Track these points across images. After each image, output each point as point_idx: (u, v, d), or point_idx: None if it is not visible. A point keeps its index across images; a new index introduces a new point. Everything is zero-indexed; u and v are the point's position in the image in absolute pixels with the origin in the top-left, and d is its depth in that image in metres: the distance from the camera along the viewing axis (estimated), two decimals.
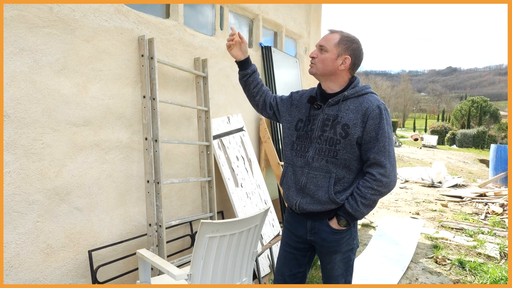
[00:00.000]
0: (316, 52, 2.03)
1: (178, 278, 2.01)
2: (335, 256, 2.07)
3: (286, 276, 2.21)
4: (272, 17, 4.79)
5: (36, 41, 2.25)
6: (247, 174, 3.96)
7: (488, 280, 3.82)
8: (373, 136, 1.92)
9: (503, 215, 6.68)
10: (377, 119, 1.92)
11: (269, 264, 3.72)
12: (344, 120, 1.94)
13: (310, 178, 2.01)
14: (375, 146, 1.92)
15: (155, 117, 2.90)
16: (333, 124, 1.97)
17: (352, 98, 1.99)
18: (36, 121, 2.27)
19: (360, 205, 1.93)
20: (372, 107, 1.93)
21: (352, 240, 2.07)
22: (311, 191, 2.00)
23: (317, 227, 2.05)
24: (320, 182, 1.98)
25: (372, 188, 1.92)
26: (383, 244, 4.83)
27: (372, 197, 1.93)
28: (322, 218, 2.03)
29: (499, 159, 10.95)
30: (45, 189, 2.33)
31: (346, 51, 1.97)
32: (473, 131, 34.15)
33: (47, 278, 2.37)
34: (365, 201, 1.93)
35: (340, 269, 2.09)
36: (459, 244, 5.08)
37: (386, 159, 1.92)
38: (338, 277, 2.11)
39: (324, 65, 1.99)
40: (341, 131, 1.94)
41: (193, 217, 3.33)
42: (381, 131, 1.92)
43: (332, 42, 1.97)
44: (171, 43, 3.23)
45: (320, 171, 1.98)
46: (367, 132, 1.92)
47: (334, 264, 2.08)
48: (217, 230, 2.00)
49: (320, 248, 2.09)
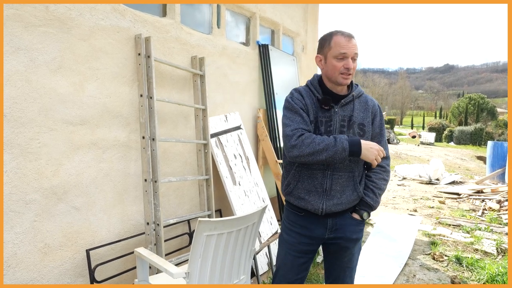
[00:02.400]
0: (351, 63, 1.97)
1: (176, 276, 2.01)
2: (354, 248, 2.16)
3: (292, 280, 2.18)
4: (269, 15, 4.79)
5: (32, 40, 2.24)
6: (245, 172, 3.96)
7: (485, 275, 3.84)
8: (378, 132, 2.12)
9: (499, 211, 6.72)
10: (379, 116, 2.13)
11: (267, 262, 3.73)
12: (358, 120, 2.05)
13: (334, 180, 2.02)
14: (381, 141, 2.10)
15: (152, 116, 2.90)
16: (350, 124, 2.03)
17: (357, 98, 2.10)
18: (32, 120, 2.26)
19: (378, 196, 2.09)
20: (376, 105, 2.14)
21: (363, 231, 2.20)
22: (338, 192, 2.02)
23: (339, 222, 2.08)
24: (345, 182, 2.04)
25: (384, 179, 2.12)
26: (381, 241, 4.84)
27: (384, 186, 2.13)
28: (344, 214, 2.09)
29: (496, 156, 10.98)
30: (42, 188, 2.33)
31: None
32: (470, 128, 34.23)
33: (44, 278, 2.36)
34: (380, 191, 2.11)
35: (356, 260, 2.22)
36: (456, 240, 5.11)
37: (387, 151, 2.13)
38: (352, 269, 2.23)
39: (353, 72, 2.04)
40: (359, 131, 2.04)
41: (191, 216, 3.33)
42: (382, 126, 2.14)
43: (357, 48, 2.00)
44: (168, 41, 3.23)
45: (344, 172, 2.03)
46: (374, 128, 2.11)
47: (351, 255, 2.18)
48: (214, 228, 2.00)
49: (345, 243, 2.11)
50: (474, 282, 3.78)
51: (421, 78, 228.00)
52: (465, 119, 44.48)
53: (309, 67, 5.98)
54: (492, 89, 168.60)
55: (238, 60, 4.19)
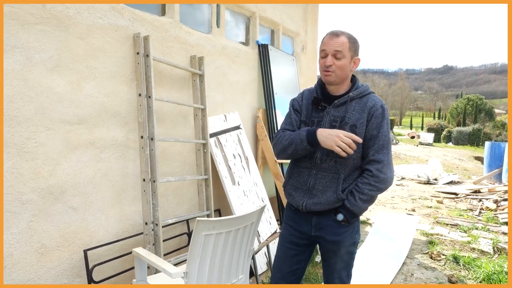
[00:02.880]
0: (331, 59, 1.96)
1: (174, 276, 1.99)
2: (339, 250, 2.09)
3: (285, 272, 2.21)
4: (269, 15, 4.77)
5: (29, 38, 2.22)
6: (244, 172, 3.95)
7: (481, 274, 3.85)
8: (374, 134, 1.98)
9: (496, 211, 6.75)
10: (379, 118, 1.99)
11: (266, 262, 3.71)
12: (352, 121, 1.99)
13: (318, 179, 2.05)
14: (375, 144, 1.98)
15: (151, 115, 2.88)
16: (341, 125, 2.00)
17: (357, 99, 2.03)
18: (29, 119, 2.24)
19: (358, 201, 1.99)
20: (377, 106, 2.00)
21: (354, 234, 2.12)
22: (319, 191, 2.05)
23: (323, 222, 2.08)
24: (328, 183, 2.03)
25: (369, 184, 1.98)
26: (379, 240, 4.84)
27: (370, 192, 1.98)
28: (328, 214, 2.07)
29: (493, 156, 11.03)
30: (39, 188, 2.31)
31: (355, 53, 2.01)
32: (468, 129, 34.32)
33: (41, 278, 2.34)
34: (363, 196, 1.98)
35: (344, 263, 2.12)
36: (454, 239, 5.12)
37: (384, 156, 1.98)
38: (341, 270, 2.13)
39: (342, 72, 1.99)
40: (350, 132, 1.97)
41: (190, 216, 3.32)
42: (381, 129, 1.98)
43: (346, 46, 1.95)
44: (167, 40, 3.21)
45: (329, 172, 2.03)
46: (369, 130, 1.99)
47: (338, 257, 2.11)
48: (213, 228, 1.98)
49: (325, 243, 2.11)
50: (471, 281, 3.79)
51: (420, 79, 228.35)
52: (464, 119, 44.62)
53: (309, 67, 5.97)
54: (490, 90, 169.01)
55: (238, 59, 4.18)
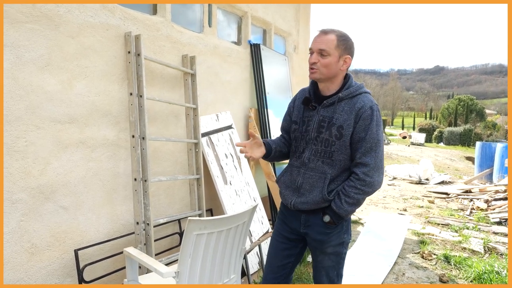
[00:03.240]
0: (316, 57, 1.96)
1: (165, 275, 1.99)
2: (326, 249, 2.10)
3: (275, 266, 2.24)
4: (261, 15, 4.78)
5: (19, 37, 2.21)
6: (236, 171, 3.95)
7: (472, 273, 3.89)
8: (362, 137, 1.94)
9: (487, 210, 6.81)
10: (368, 120, 1.93)
11: (258, 261, 3.72)
12: (339, 122, 1.97)
13: (306, 179, 2.06)
14: (363, 146, 1.94)
15: (142, 115, 2.87)
16: (329, 126, 1.99)
17: (347, 99, 1.99)
18: (19, 118, 2.22)
19: (344, 203, 1.97)
20: (365, 107, 1.94)
21: (343, 234, 2.10)
22: (306, 191, 2.05)
23: (311, 220, 2.10)
24: (315, 183, 2.03)
25: (355, 187, 1.96)
26: (371, 240, 4.87)
27: (356, 196, 1.96)
28: (316, 213, 2.07)
29: (484, 156, 11.13)
30: (29, 188, 2.29)
31: (345, 51, 1.97)
32: (459, 129, 34.63)
33: (32, 278, 2.33)
34: (349, 199, 1.96)
35: (332, 262, 2.12)
36: (445, 239, 5.16)
37: (372, 159, 1.94)
38: (329, 268, 2.13)
39: (328, 70, 1.96)
40: (336, 133, 1.96)
41: (182, 215, 3.31)
42: (370, 131, 1.93)
43: (332, 44, 1.93)
44: (158, 39, 3.20)
45: (316, 172, 2.03)
46: (356, 132, 1.94)
47: (325, 255, 2.12)
48: (204, 228, 1.98)
49: (312, 241, 2.12)
50: (462, 280, 3.82)
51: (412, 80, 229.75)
52: (455, 120, 44.98)
53: (301, 67, 5.98)
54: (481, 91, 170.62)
55: (230, 59, 4.18)
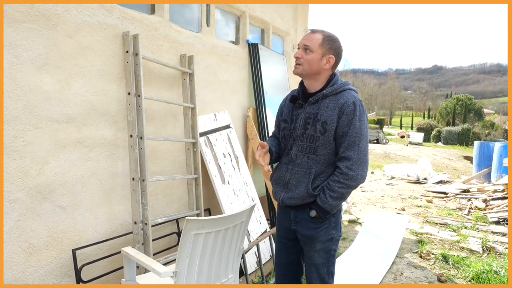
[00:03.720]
0: (300, 52, 2.08)
1: (163, 275, 2.00)
2: (315, 245, 2.13)
3: (282, 264, 2.32)
4: (259, 14, 4.78)
5: (16, 36, 2.20)
6: (234, 171, 3.95)
7: (470, 273, 3.89)
8: (345, 131, 1.99)
9: (485, 210, 6.81)
10: (350, 115, 1.99)
11: (257, 261, 3.72)
12: (324, 118, 2.03)
13: (293, 174, 2.12)
14: (346, 141, 2.00)
15: (140, 114, 2.87)
16: (314, 122, 2.05)
17: (331, 95, 2.07)
18: (16, 118, 2.22)
19: (328, 198, 2.01)
20: (348, 103, 2.00)
21: (331, 230, 2.13)
22: (293, 186, 2.11)
23: (299, 216, 2.15)
24: (301, 178, 2.08)
25: (339, 182, 2.00)
26: (369, 239, 4.87)
27: (340, 190, 2.00)
28: (303, 208, 2.12)
29: (482, 156, 11.13)
30: (26, 187, 2.29)
31: (329, 51, 2.05)
32: (457, 129, 34.68)
33: (29, 278, 2.33)
34: (333, 193, 2.00)
35: (321, 258, 2.14)
36: (443, 238, 5.16)
37: (355, 153, 1.98)
38: (319, 265, 2.15)
39: (310, 66, 2.06)
40: (321, 128, 2.02)
41: (180, 215, 3.31)
42: (352, 126, 1.98)
43: (316, 42, 2.03)
44: (156, 39, 3.20)
45: (302, 167, 2.09)
46: (340, 127, 2.00)
47: (314, 252, 2.15)
48: (202, 227, 1.99)
49: (302, 238, 2.17)
50: (460, 280, 3.82)
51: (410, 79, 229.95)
52: (453, 119, 45.03)
53: None
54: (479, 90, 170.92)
55: (228, 58, 4.18)
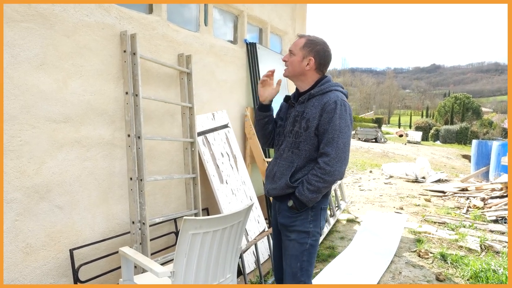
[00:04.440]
0: (287, 56, 2.25)
1: (161, 275, 1.99)
2: (290, 234, 2.22)
3: (276, 256, 2.45)
4: (257, 14, 4.77)
5: (14, 36, 2.20)
6: (232, 170, 3.95)
7: (469, 272, 3.90)
8: (326, 128, 2.09)
9: (484, 209, 6.82)
10: (331, 113, 2.08)
11: (255, 260, 3.72)
12: (308, 116, 2.15)
13: (278, 167, 2.25)
14: (325, 137, 2.09)
15: (138, 114, 2.87)
16: (300, 120, 2.18)
17: (318, 95, 2.17)
18: (14, 117, 2.21)
19: (305, 190, 2.10)
20: (330, 102, 2.10)
21: (308, 223, 2.19)
22: (277, 178, 2.23)
23: (281, 207, 2.28)
24: (284, 171, 2.21)
25: (316, 176, 2.08)
26: (367, 238, 4.88)
27: (316, 183, 2.07)
28: (285, 199, 2.23)
29: (480, 155, 11.15)
30: (24, 187, 2.28)
31: (310, 53, 2.17)
32: (456, 127, 34.74)
33: (26, 278, 2.32)
34: (310, 186, 2.08)
35: (295, 249, 2.20)
36: (442, 237, 5.17)
37: (333, 150, 2.06)
38: (291, 257, 2.20)
39: (293, 68, 2.22)
40: (304, 125, 2.15)
41: (178, 214, 3.31)
42: (332, 123, 2.07)
43: (298, 46, 2.19)
44: (154, 38, 3.19)
45: (286, 161, 2.22)
46: (321, 125, 2.11)
47: (289, 242, 2.22)
48: (200, 227, 1.98)
49: (280, 226, 2.29)
50: (459, 279, 3.83)
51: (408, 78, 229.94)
52: (451, 118, 45.07)
53: None
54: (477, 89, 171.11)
55: (226, 58, 4.17)
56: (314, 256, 2.24)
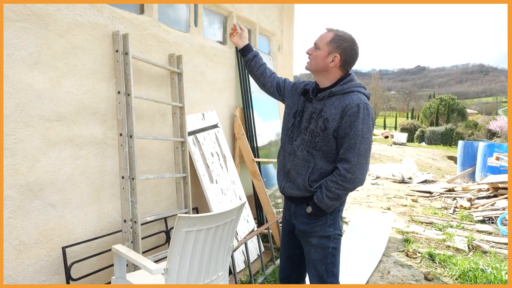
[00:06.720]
0: (311, 49, 2.13)
1: (154, 272, 2.02)
2: (311, 240, 2.17)
3: (284, 256, 2.43)
4: (245, 15, 4.82)
5: (9, 35, 2.21)
6: (222, 170, 3.99)
7: (457, 271, 3.95)
8: (347, 133, 1.98)
9: (470, 209, 6.93)
10: (353, 117, 1.97)
11: (244, 260, 3.76)
12: (326, 115, 2.04)
13: (293, 165, 2.17)
14: (346, 142, 1.99)
15: (129, 113, 2.89)
16: (317, 118, 2.08)
17: (339, 94, 2.06)
18: (8, 116, 2.22)
19: (325, 197, 2.04)
20: (352, 104, 1.99)
21: (327, 227, 2.14)
22: (293, 177, 2.16)
23: (298, 211, 2.21)
24: (300, 170, 2.13)
25: (336, 183, 2.01)
26: (355, 238, 4.94)
27: (336, 191, 2.01)
28: (302, 203, 2.18)
29: (466, 155, 11.33)
30: (17, 185, 2.29)
31: (336, 49, 2.04)
32: (441, 129, 35.19)
33: (19, 275, 2.33)
34: (330, 194, 2.02)
35: (318, 254, 2.16)
36: (429, 237, 5.25)
37: (354, 156, 1.98)
38: (316, 261, 2.17)
39: (316, 62, 2.10)
40: (322, 125, 2.04)
41: (168, 213, 3.34)
42: (354, 128, 1.97)
43: (325, 40, 2.07)
44: (145, 38, 3.22)
45: (301, 160, 2.12)
46: (342, 128, 1.99)
47: (310, 247, 2.18)
48: (193, 224, 2.01)
49: (298, 232, 2.22)
50: (447, 278, 3.88)
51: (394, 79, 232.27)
52: (436, 119, 45.69)
53: (285, 67, 6.04)
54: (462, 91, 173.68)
55: (215, 58, 4.21)
56: (338, 257, 2.21)
